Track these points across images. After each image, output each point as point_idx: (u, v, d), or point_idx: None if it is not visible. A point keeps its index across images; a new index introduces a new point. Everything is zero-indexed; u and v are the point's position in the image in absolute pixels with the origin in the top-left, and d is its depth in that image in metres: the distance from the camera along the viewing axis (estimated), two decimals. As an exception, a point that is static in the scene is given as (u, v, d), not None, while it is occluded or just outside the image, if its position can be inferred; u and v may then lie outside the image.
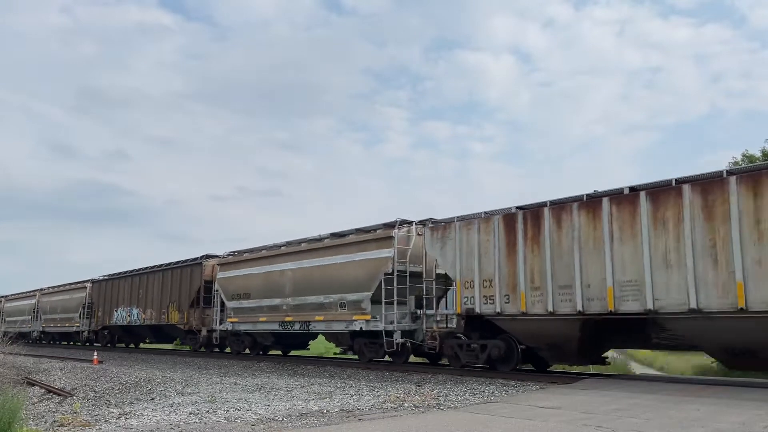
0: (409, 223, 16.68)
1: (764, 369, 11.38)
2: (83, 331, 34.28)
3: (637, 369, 33.51)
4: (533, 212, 13.09)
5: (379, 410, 8.90)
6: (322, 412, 8.81)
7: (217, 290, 23.25)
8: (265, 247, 21.79)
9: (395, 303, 15.77)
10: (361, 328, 16.86)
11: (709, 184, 10.60)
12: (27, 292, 44.03)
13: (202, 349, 25.28)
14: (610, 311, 11.53)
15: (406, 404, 9.41)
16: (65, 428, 8.71)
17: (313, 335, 21.05)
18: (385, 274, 16.11)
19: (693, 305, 10.50)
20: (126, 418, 9.24)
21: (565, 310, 12.27)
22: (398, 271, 15.90)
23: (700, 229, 10.54)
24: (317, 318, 18.37)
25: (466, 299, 14.12)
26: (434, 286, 15.68)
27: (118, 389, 14.82)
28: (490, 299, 13.62)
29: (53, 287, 40.24)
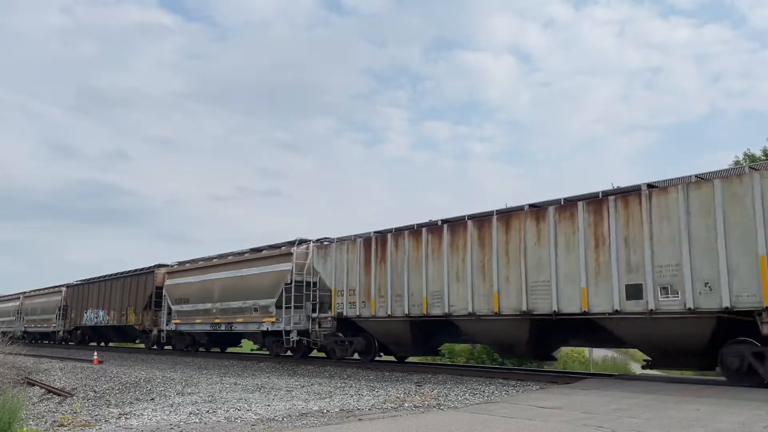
0: (307, 241, 19.92)
1: (524, 357, 15.08)
2: (59, 331, 37.20)
3: (637, 369, 33.52)
4: (382, 237, 16.38)
5: (379, 410, 8.90)
6: (322, 412, 8.81)
7: (165, 295, 26.55)
8: (202, 259, 25.18)
9: (292, 308, 18.93)
10: (267, 328, 20.23)
11: (482, 220, 14.07)
12: (12, 295, 46.68)
13: (154, 347, 28.27)
14: (424, 314, 14.84)
15: (406, 404, 9.41)
16: (65, 428, 8.71)
17: (237, 334, 23.98)
18: (286, 284, 19.33)
19: (470, 310, 13.90)
20: (126, 418, 9.25)
21: (397, 313, 15.65)
22: (296, 281, 19.12)
23: (476, 253, 13.95)
24: (238, 320, 21.62)
25: (338, 305, 17.52)
26: (318, 293, 18.69)
27: (118, 389, 14.83)
28: (353, 305, 17.03)
29: (34, 291, 42.82)
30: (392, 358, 18.76)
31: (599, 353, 29.50)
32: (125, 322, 29.42)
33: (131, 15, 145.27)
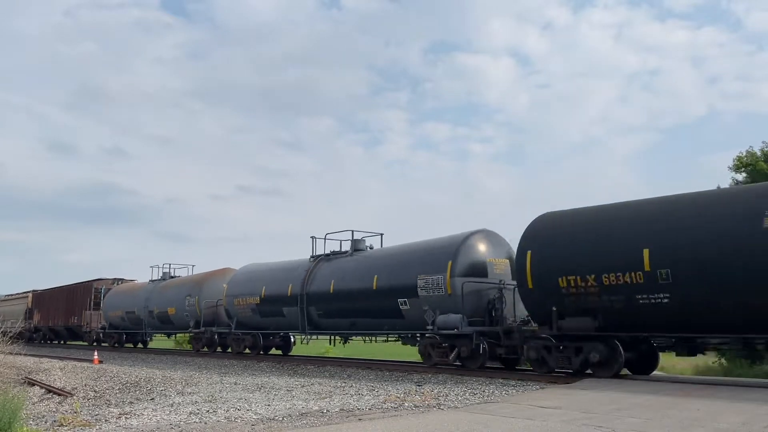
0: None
1: None
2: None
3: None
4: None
5: (379, 410, 8.90)
6: (323, 412, 8.81)
7: None
8: None
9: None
10: None
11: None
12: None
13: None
14: None
15: (406, 404, 9.40)
16: (65, 428, 8.70)
17: None
18: None
19: None
20: (126, 417, 9.24)
21: None
22: None
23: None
24: None
25: None
26: None
27: (118, 389, 14.83)
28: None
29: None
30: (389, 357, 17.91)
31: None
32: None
33: (133, 16, 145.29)
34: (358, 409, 9.07)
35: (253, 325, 20.67)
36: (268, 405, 9.75)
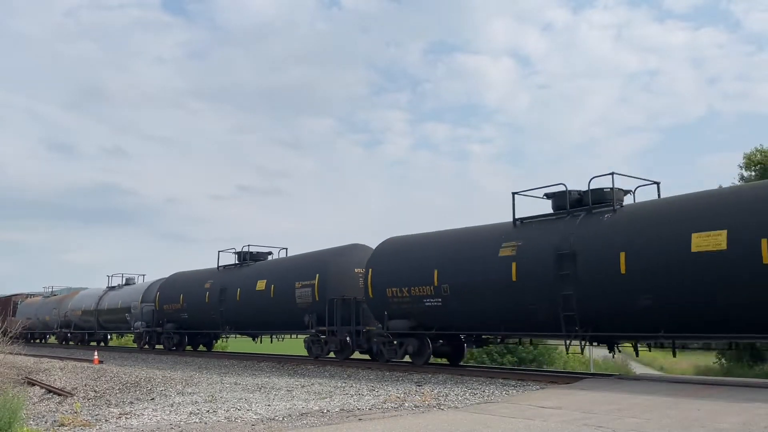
0: None
1: None
2: None
3: (637, 369, 33.55)
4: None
5: (380, 410, 8.90)
6: (323, 412, 8.82)
7: None
8: None
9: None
10: None
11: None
12: None
13: None
14: None
15: (406, 404, 9.40)
16: (65, 428, 8.71)
17: None
18: None
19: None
20: (126, 417, 9.25)
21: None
22: None
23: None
24: None
25: None
26: None
27: (119, 389, 14.84)
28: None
29: None
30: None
31: (599, 353, 29.54)
32: None
33: (133, 16, 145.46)
34: (359, 409, 9.07)
35: (81, 327, 33.23)
36: (268, 405, 9.75)
